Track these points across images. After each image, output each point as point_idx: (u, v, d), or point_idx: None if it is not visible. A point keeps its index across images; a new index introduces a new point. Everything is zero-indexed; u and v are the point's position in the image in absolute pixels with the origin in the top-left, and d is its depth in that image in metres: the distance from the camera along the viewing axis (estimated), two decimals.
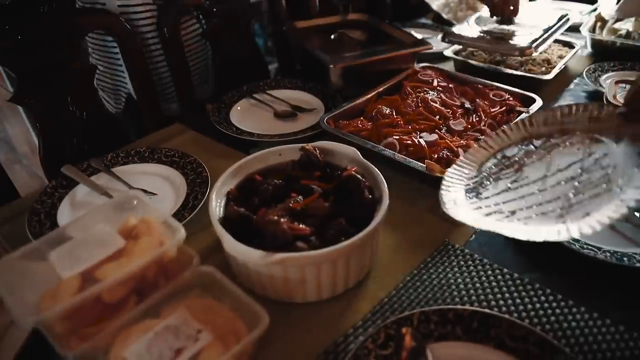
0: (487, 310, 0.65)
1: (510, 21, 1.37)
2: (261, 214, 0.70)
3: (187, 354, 0.56)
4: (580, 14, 1.75)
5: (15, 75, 1.05)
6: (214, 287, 0.66)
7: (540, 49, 1.25)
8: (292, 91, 1.28)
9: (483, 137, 0.99)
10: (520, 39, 1.27)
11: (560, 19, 1.37)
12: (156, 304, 0.63)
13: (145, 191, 0.93)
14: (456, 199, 0.75)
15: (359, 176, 0.75)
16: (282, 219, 0.68)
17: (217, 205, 0.73)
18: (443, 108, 1.06)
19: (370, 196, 0.73)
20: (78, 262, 0.63)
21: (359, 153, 0.81)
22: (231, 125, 1.12)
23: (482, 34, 1.32)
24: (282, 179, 0.79)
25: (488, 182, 0.77)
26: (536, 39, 1.26)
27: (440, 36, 1.37)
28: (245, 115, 1.19)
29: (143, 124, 1.32)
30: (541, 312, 0.68)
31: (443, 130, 1.01)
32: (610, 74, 1.31)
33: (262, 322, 0.58)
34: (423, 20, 1.79)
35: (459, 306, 0.66)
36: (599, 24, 1.53)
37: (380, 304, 0.70)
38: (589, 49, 1.51)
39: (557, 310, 0.69)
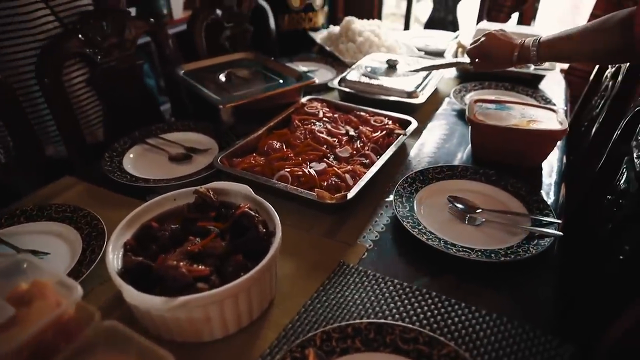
0: (380, 320, 0.72)
1: (394, 70, 1.54)
2: (160, 261, 0.71)
3: None
4: (446, 41, 1.97)
5: None
6: (118, 340, 0.66)
7: (425, 92, 1.43)
8: (185, 133, 1.29)
9: (367, 161, 1.09)
10: (406, 84, 1.44)
11: None
12: None
13: (36, 252, 0.90)
14: None
15: (252, 212, 0.79)
16: (181, 263, 0.70)
17: (114, 258, 0.73)
18: (329, 137, 1.14)
19: (264, 230, 0.78)
20: None
21: (251, 190, 0.85)
22: (125, 173, 1.12)
23: (372, 80, 1.47)
24: (179, 223, 0.81)
25: None
26: (419, 84, 1.45)
27: (335, 82, 1.49)
28: (139, 162, 1.19)
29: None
30: (429, 313, 0.77)
31: (331, 158, 1.09)
32: (472, 93, 1.49)
33: None
34: (309, 54, 1.90)
35: (356, 320, 0.72)
36: (460, 49, 1.74)
37: (285, 330, 0.74)
38: (455, 72, 1.71)
39: (442, 310, 0.77)
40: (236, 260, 0.73)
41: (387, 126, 1.20)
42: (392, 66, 1.54)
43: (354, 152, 1.11)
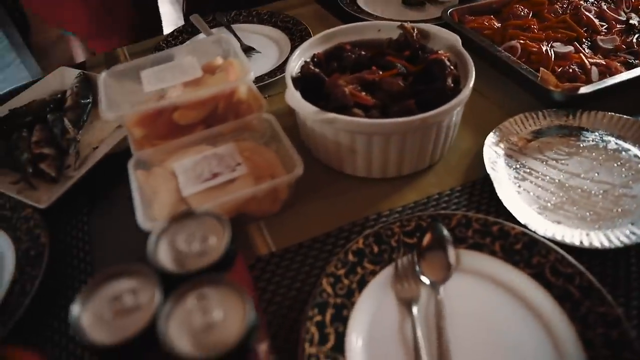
0: (537, 236, 0.57)
1: None
2: (333, 78, 0.68)
3: (221, 179, 0.60)
4: None
5: None
6: (268, 133, 0.68)
7: None
8: None
9: (637, 61, 0.81)
10: None
11: None
12: (216, 135, 0.67)
13: (252, 48, 0.97)
14: (497, 161, 0.68)
15: (446, 61, 0.67)
16: (350, 85, 0.66)
17: (296, 63, 0.73)
18: (596, 20, 0.87)
19: (452, 85, 0.66)
20: (161, 82, 0.69)
21: (460, 41, 0.72)
22: (354, 4, 1.08)
23: None
24: (377, 53, 0.75)
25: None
26: None
27: None
28: None
29: None
30: (609, 261, 0.57)
31: (585, 45, 0.84)
32: None
33: (297, 170, 0.59)
34: None
35: (508, 222, 0.58)
36: None
37: (428, 199, 0.66)
38: None
39: (634, 260, 0.57)
40: (407, 104, 0.64)
41: None
42: None
43: (623, 46, 0.83)
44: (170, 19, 3.06)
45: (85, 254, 0.64)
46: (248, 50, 0.96)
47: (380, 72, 0.69)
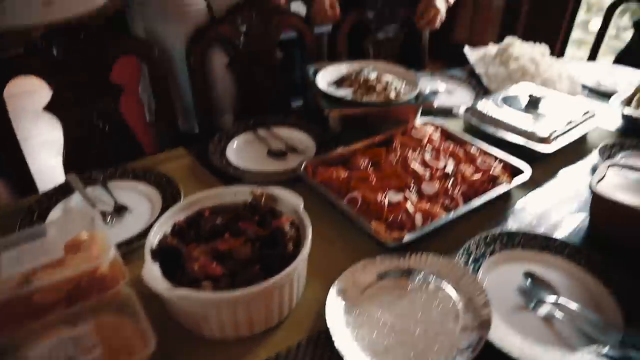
0: None
1: (536, 108, 1.33)
2: (188, 250, 0.76)
3: None
4: (630, 84, 1.64)
5: (50, 87, 1.21)
6: (129, 308, 0.73)
7: (559, 141, 1.22)
8: (294, 131, 1.32)
9: (452, 204, 0.98)
10: (541, 127, 1.24)
11: (584, 114, 1.33)
12: (77, 314, 0.71)
13: (124, 208, 1.03)
14: (338, 311, 0.78)
15: (285, 229, 0.78)
16: (201, 257, 0.74)
17: (156, 235, 0.80)
18: (420, 168, 1.06)
19: (294, 248, 0.77)
20: (21, 265, 0.73)
21: (301, 204, 0.84)
22: (223, 157, 1.20)
23: (504, 115, 1.30)
24: (229, 218, 0.85)
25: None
26: (557, 130, 1.24)
27: (461, 109, 1.37)
28: (242, 149, 1.26)
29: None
30: None
31: (413, 191, 1.01)
32: (626, 153, 1.22)
33: (148, 347, 0.64)
34: (456, 72, 1.77)
35: None
36: (638, 96, 1.43)
37: (277, 355, 0.72)
38: (621, 121, 1.42)
39: None
40: (252, 271, 0.73)
41: (492, 171, 1.07)
42: (533, 102, 1.34)
43: (442, 191, 1.02)
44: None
45: None
46: (120, 210, 1.02)
47: (233, 239, 0.78)
